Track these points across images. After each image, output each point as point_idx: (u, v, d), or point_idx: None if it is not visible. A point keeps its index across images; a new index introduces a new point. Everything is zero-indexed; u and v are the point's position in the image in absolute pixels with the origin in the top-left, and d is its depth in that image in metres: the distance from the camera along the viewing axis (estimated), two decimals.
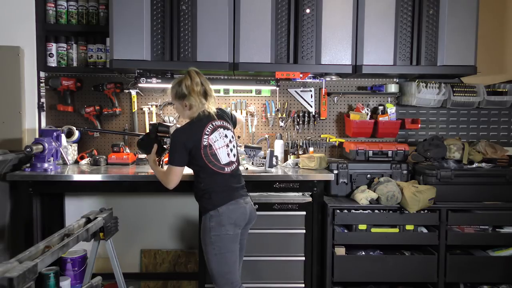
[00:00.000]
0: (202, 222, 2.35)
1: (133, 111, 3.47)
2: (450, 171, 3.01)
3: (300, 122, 3.54)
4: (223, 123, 2.42)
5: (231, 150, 2.43)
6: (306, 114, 3.53)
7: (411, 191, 2.88)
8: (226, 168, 2.37)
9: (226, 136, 2.41)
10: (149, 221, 3.58)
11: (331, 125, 3.61)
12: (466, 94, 3.43)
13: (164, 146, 2.65)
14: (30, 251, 1.65)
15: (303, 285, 2.94)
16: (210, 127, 2.35)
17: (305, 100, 3.56)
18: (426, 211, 2.97)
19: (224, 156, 2.37)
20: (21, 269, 1.42)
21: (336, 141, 3.57)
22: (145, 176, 2.86)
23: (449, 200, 3.01)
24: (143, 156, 3.32)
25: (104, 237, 2.30)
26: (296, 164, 3.28)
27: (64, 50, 3.34)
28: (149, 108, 3.48)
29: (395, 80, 3.56)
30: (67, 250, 1.90)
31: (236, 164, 2.45)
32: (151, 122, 3.27)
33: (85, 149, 3.43)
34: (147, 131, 3.26)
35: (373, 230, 2.95)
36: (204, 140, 2.31)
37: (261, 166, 3.06)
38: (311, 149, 3.48)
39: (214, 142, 2.34)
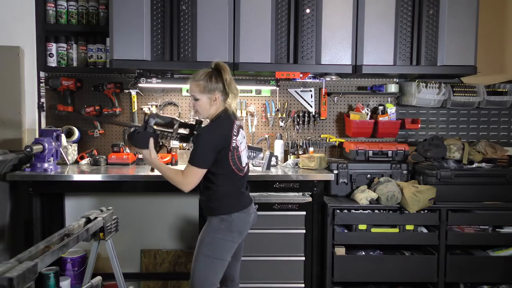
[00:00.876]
0: (210, 222, 2.25)
1: (133, 111, 3.47)
2: (450, 171, 3.01)
3: (300, 122, 3.54)
4: (240, 122, 2.34)
5: (247, 151, 2.39)
6: (306, 114, 3.53)
7: (411, 191, 2.88)
8: (244, 170, 2.29)
9: (244, 137, 2.35)
10: (149, 221, 3.58)
11: (331, 125, 3.61)
12: (466, 94, 3.43)
13: (160, 142, 2.37)
14: (30, 251, 1.65)
15: (303, 285, 2.94)
16: (235, 127, 2.24)
17: (305, 100, 3.56)
18: (426, 211, 2.97)
19: (245, 159, 2.30)
20: (21, 269, 1.42)
21: (336, 141, 3.57)
22: (145, 176, 2.86)
23: (449, 200, 3.01)
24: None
25: (104, 237, 2.30)
26: (296, 164, 3.28)
27: (64, 50, 3.34)
28: (149, 108, 3.47)
29: (395, 80, 3.56)
30: (67, 250, 1.90)
31: (248, 165, 2.39)
32: (146, 112, 2.84)
33: (85, 149, 3.43)
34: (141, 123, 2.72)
35: (373, 230, 2.95)
36: (233, 141, 2.19)
37: (258, 166, 3.04)
38: (311, 149, 3.47)
39: (240, 144, 2.25)
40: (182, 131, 2.42)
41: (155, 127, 2.32)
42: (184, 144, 2.48)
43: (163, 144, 2.41)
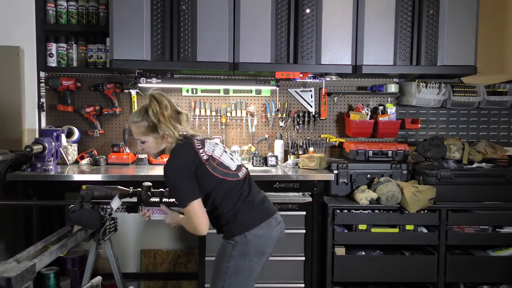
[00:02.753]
0: (223, 246, 2.01)
1: (133, 111, 3.46)
2: (450, 171, 3.00)
3: (300, 122, 3.54)
4: (201, 136, 2.07)
5: (232, 155, 2.11)
6: (306, 114, 3.53)
7: (411, 191, 2.88)
8: (239, 174, 2.03)
9: (217, 143, 2.08)
10: (149, 221, 3.55)
11: (331, 125, 3.61)
12: (466, 94, 3.43)
13: (104, 215, 2.11)
14: (28, 251, 1.65)
15: (303, 285, 2.94)
16: (197, 141, 1.98)
17: (305, 100, 3.55)
18: (426, 211, 2.96)
19: (230, 162, 2.03)
20: (19, 269, 1.42)
21: (336, 141, 3.57)
22: (145, 176, 2.86)
23: (449, 200, 3.00)
24: (142, 156, 3.31)
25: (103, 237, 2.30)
26: (296, 164, 3.28)
27: (64, 50, 3.34)
28: None
29: (395, 80, 3.55)
30: (66, 250, 1.90)
31: (245, 168, 2.12)
32: (83, 187, 2.11)
33: (85, 149, 3.43)
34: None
35: (373, 230, 2.94)
36: (202, 154, 1.94)
37: None
38: (311, 149, 3.47)
39: (213, 151, 1.99)
40: (127, 199, 2.18)
41: (94, 201, 2.07)
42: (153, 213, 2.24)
43: (106, 219, 2.14)
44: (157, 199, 2.17)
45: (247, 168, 2.14)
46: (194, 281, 3.49)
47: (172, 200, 2.18)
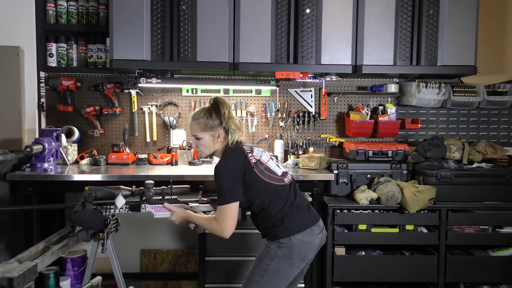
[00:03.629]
0: (268, 246, 2.08)
1: (133, 111, 3.47)
2: (450, 171, 3.01)
3: (300, 122, 3.54)
4: (250, 144, 2.23)
5: (278, 162, 2.22)
6: (306, 114, 3.53)
7: (411, 191, 2.88)
8: (285, 179, 2.13)
9: (264, 151, 2.19)
10: (149, 221, 3.58)
11: (331, 125, 3.61)
12: (466, 94, 3.43)
13: (107, 216, 2.08)
14: (30, 251, 1.65)
15: (303, 285, 2.94)
16: (246, 147, 2.13)
17: (305, 100, 3.56)
18: (426, 211, 2.97)
19: (276, 168, 2.14)
20: (21, 269, 1.42)
21: (336, 141, 3.57)
22: (145, 176, 2.86)
23: (449, 200, 3.01)
24: (143, 156, 3.31)
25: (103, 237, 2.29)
26: (296, 164, 3.28)
27: (64, 50, 3.34)
28: (149, 108, 3.48)
29: (395, 80, 3.55)
30: (67, 250, 1.90)
31: (290, 175, 2.20)
32: (86, 188, 2.10)
33: (85, 149, 3.43)
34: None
35: (373, 230, 2.95)
36: (251, 158, 2.07)
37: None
38: (311, 149, 3.47)
39: (260, 157, 2.11)
40: (130, 199, 2.18)
41: (97, 202, 2.07)
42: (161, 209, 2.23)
43: (110, 220, 2.08)
44: (160, 197, 2.21)
45: (292, 176, 2.22)
46: (194, 281, 3.49)
47: (174, 197, 2.22)
